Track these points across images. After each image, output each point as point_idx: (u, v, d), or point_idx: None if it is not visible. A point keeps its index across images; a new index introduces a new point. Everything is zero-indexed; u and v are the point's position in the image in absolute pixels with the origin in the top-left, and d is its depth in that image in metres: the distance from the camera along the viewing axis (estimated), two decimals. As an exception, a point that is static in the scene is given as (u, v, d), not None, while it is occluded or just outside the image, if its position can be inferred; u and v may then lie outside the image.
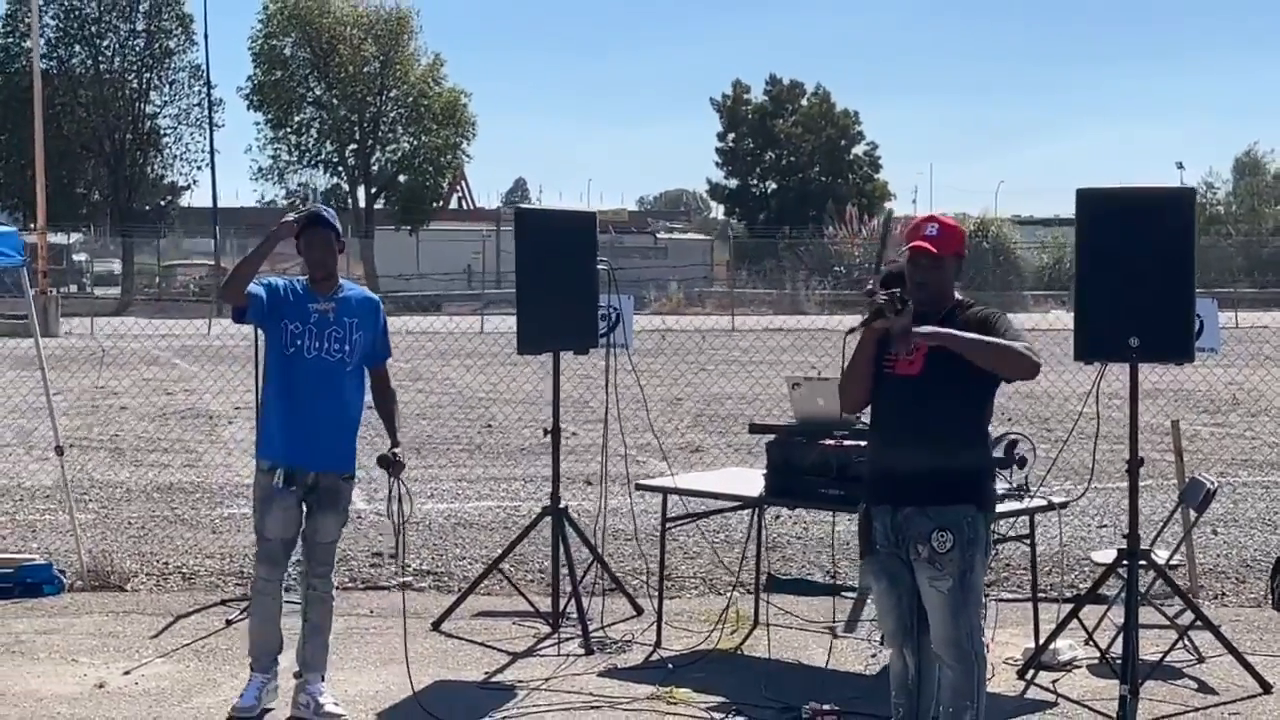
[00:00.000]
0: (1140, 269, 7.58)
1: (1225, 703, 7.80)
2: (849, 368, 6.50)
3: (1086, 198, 7.80)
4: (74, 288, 63.15)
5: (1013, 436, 8.16)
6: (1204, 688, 8.08)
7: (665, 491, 9.03)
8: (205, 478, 15.25)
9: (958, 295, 6.45)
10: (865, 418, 8.11)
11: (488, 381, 22.21)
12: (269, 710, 7.65)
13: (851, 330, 6.82)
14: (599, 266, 9.26)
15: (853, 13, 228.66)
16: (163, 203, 72.02)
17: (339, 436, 7.59)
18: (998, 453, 8.07)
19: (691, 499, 9.28)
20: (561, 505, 9.36)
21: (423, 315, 42.85)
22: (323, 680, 7.72)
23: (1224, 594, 10.35)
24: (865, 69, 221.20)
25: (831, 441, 8.21)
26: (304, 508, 7.58)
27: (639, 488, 9.44)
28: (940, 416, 6.21)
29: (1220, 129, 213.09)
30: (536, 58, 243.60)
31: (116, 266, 67.45)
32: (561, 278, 9.02)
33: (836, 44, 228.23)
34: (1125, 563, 7.92)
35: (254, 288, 7.48)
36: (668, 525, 9.17)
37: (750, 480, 8.99)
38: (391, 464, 7.60)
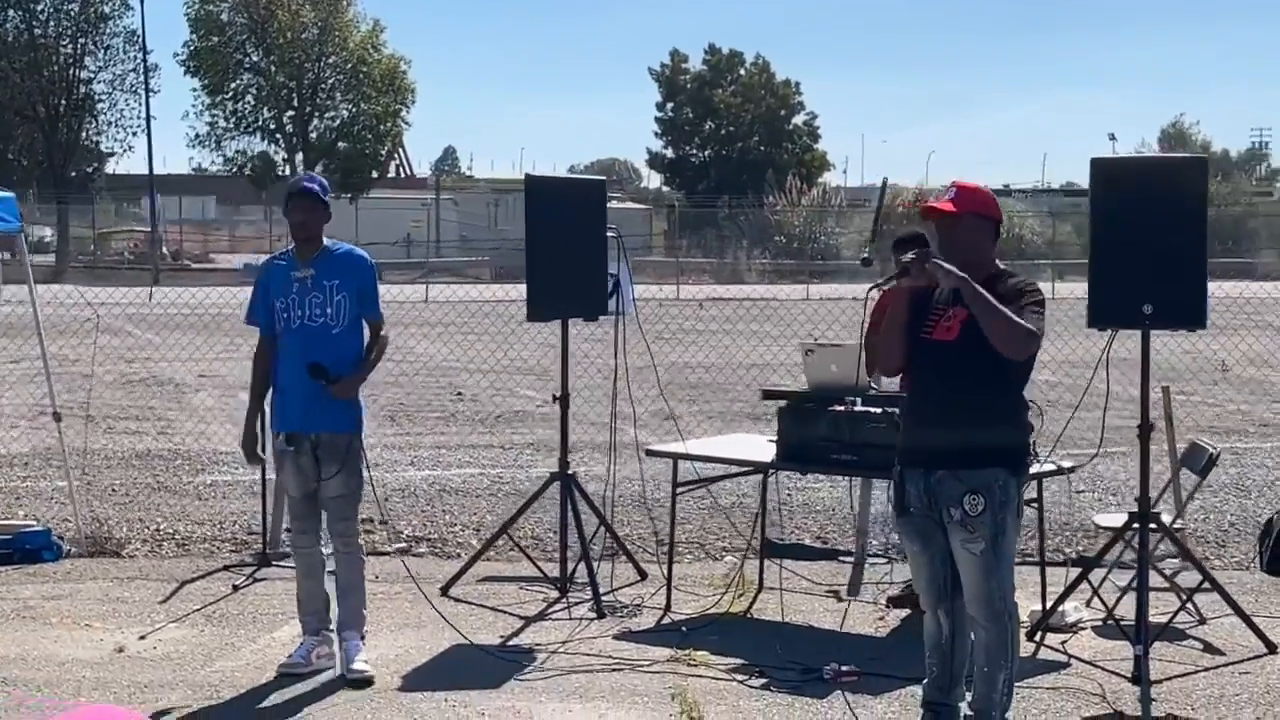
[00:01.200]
0: (1153, 237, 7.69)
1: (1233, 662, 7.96)
2: (884, 330, 6.59)
3: (1101, 166, 7.91)
4: (6, 255, 62.30)
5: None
6: (1210, 648, 8.23)
7: (676, 457, 9.09)
8: (181, 445, 15.20)
9: (1001, 265, 6.53)
10: (886, 383, 8.29)
11: (448, 350, 22.21)
12: (321, 671, 7.73)
13: (874, 287, 6.94)
14: (608, 234, 9.30)
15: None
16: (89, 170, 71.22)
17: (331, 398, 7.67)
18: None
19: (689, 464, 9.34)
20: (570, 471, 9.40)
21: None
22: (360, 639, 7.78)
23: (1208, 558, 10.52)
24: (803, 39, 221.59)
25: (843, 407, 8.30)
26: (317, 464, 7.75)
27: (649, 453, 9.51)
28: (975, 382, 6.30)
29: (1149, 100, 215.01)
30: (469, 25, 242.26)
31: (49, 233, 66.66)
32: (570, 245, 9.05)
33: (775, 14, 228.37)
34: (1135, 526, 8.06)
35: (259, 315, 7.88)
36: (678, 490, 9.23)
37: (758, 446, 9.08)
38: (322, 373, 7.61)
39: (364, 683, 7.55)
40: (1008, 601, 6.43)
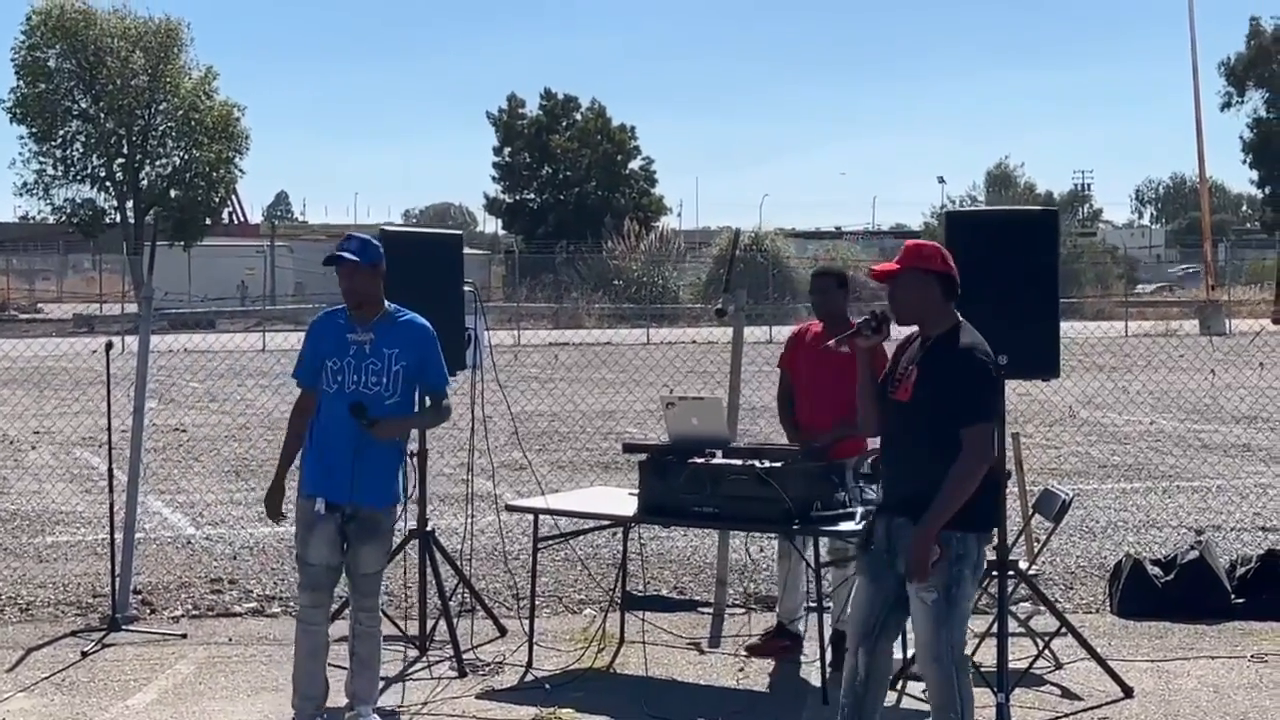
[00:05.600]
0: (1007, 288, 7.81)
1: (1092, 707, 8.07)
2: (857, 394, 6.73)
3: (956, 219, 8.06)
4: None
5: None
6: (1067, 693, 8.34)
7: (537, 512, 9.03)
8: (20, 505, 14.78)
9: (958, 318, 6.57)
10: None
11: (286, 402, 21.86)
12: None
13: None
14: (465, 288, 9.24)
15: (623, 30, 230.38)
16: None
17: (376, 470, 7.33)
18: (865, 470, 8.30)
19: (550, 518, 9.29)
20: (428, 528, 9.30)
21: (202, 334, 42.19)
22: (375, 713, 7.56)
23: (1058, 600, 10.66)
24: (637, 83, 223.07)
25: (703, 460, 8.31)
26: (345, 537, 7.38)
27: (510, 509, 9.43)
28: (927, 441, 6.43)
29: (975, 143, 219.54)
30: (302, 68, 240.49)
31: None
32: (427, 299, 8.93)
33: (609, 58, 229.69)
34: (994, 573, 8.15)
35: (306, 374, 7.54)
36: (539, 545, 9.17)
37: (618, 499, 9.05)
38: (362, 412, 7.25)
39: None
40: (956, 653, 6.49)
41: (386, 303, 7.51)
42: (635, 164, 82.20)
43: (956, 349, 6.46)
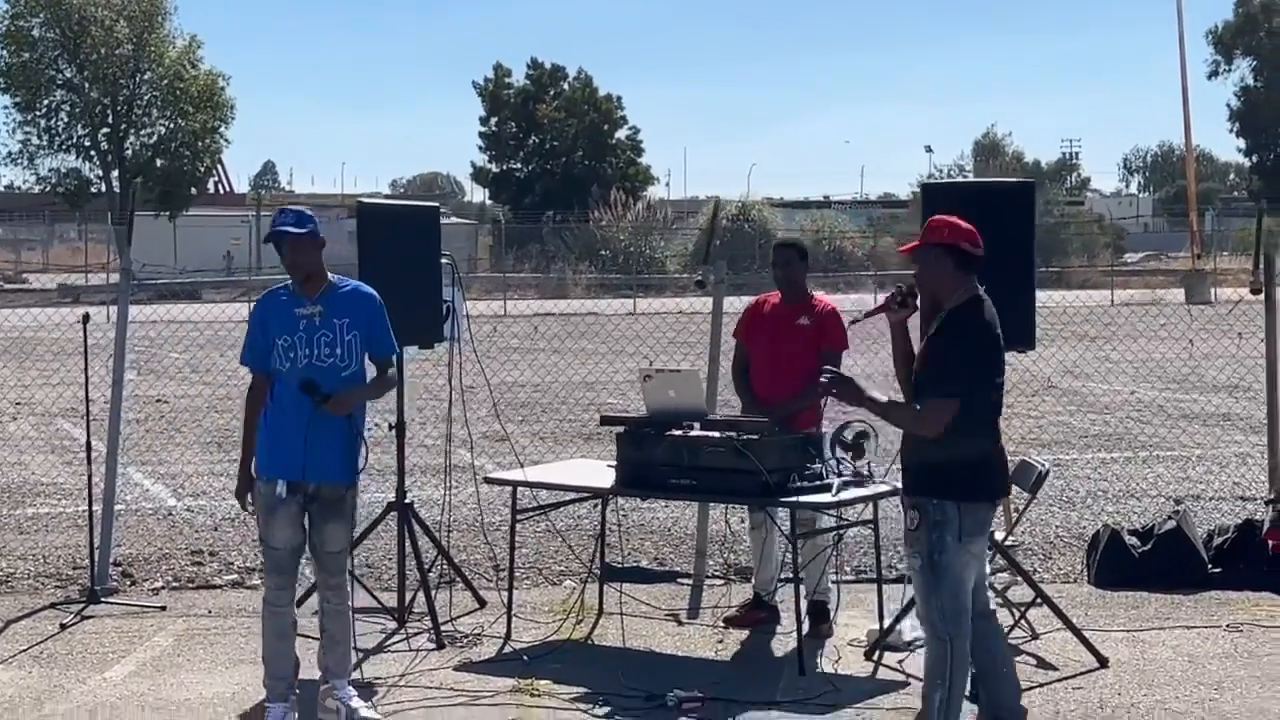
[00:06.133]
0: (984, 261, 7.79)
1: (1067, 677, 8.11)
2: (894, 365, 6.86)
3: (932, 190, 8.09)
4: None
5: (859, 426, 8.36)
6: (1043, 664, 8.37)
7: (516, 484, 9.03)
8: (0, 476, 14.78)
9: (977, 293, 6.63)
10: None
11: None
12: None
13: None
14: (442, 260, 9.23)
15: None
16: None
17: (336, 446, 7.29)
18: (845, 438, 8.31)
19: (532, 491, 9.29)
20: (407, 500, 9.31)
21: (185, 304, 42.08)
22: (350, 685, 7.55)
23: (1036, 570, 10.70)
24: (625, 52, 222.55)
25: (680, 432, 8.32)
26: (308, 516, 7.35)
27: (488, 481, 9.44)
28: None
29: (963, 113, 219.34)
30: (288, 39, 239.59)
31: None
32: (404, 272, 8.95)
33: (596, 27, 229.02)
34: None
35: (256, 359, 7.37)
36: (518, 518, 9.18)
37: (597, 471, 9.06)
38: (315, 389, 7.18)
39: None
40: (949, 622, 6.55)
41: (329, 274, 7.45)
42: (622, 133, 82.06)
43: (959, 322, 6.53)
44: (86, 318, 9.97)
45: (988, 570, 7.09)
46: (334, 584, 7.50)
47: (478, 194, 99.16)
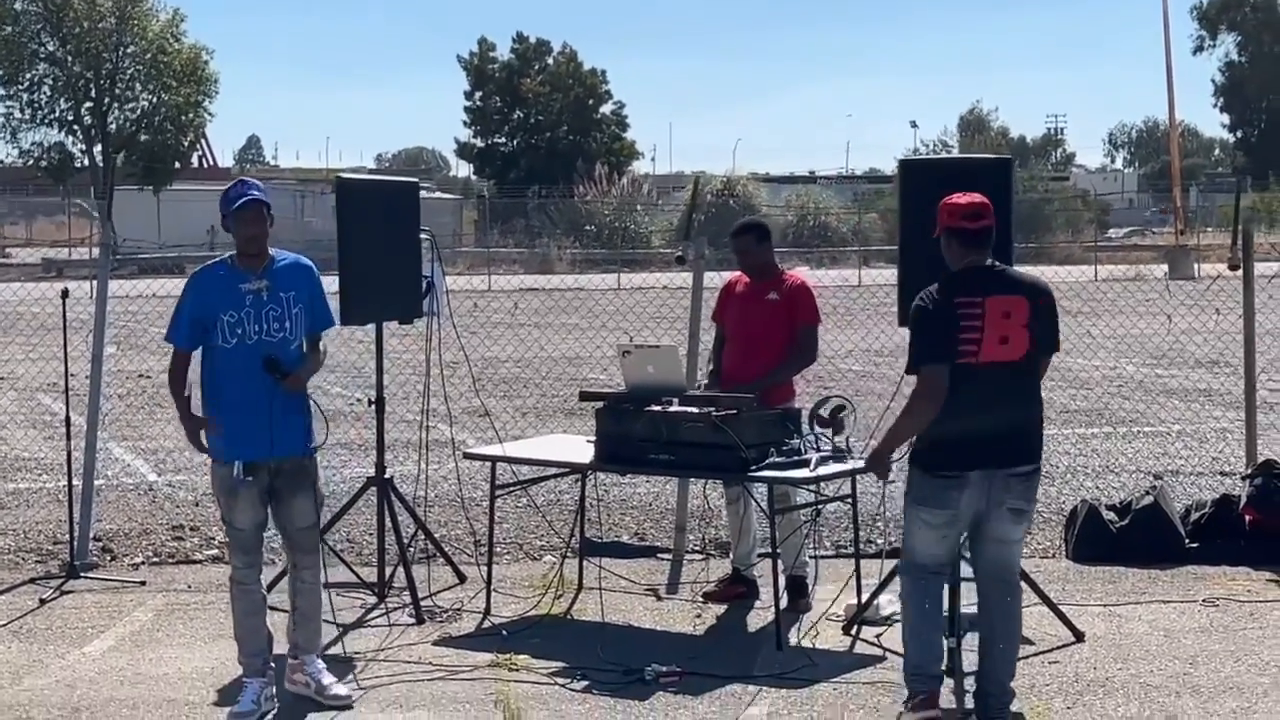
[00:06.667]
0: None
1: (1043, 652, 8.14)
2: None
3: (910, 167, 8.08)
4: None
5: (837, 400, 8.39)
6: (1020, 639, 8.39)
7: (495, 460, 9.04)
8: (-20, 451, 14.77)
9: (982, 263, 7.02)
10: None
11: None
12: (267, 714, 7.31)
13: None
14: (421, 236, 9.23)
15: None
16: None
17: (292, 418, 7.28)
18: (823, 413, 8.34)
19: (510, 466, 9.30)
20: (386, 475, 9.32)
21: (169, 278, 41.96)
22: (319, 660, 7.54)
23: (1014, 545, 10.74)
24: (609, 25, 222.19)
25: (659, 407, 8.34)
26: (273, 494, 7.33)
27: (467, 456, 9.45)
28: None
29: (948, 88, 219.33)
30: (271, 11, 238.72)
31: None
32: (383, 248, 8.95)
33: (581, 1, 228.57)
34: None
35: (185, 336, 7.29)
36: (497, 493, 9.19)
37: (577, 447, 9.08)
38: (276, 367, 7.16)
39: (347, 707, 7.35)
40: (909, 566, 7.08)
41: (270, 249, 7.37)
42: (607, 108, 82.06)
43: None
44: (65, 293, 9.95)
45: (1011, 545, 7.21)
46: (308, 563, 7.50)
47: (463, 169, 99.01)
